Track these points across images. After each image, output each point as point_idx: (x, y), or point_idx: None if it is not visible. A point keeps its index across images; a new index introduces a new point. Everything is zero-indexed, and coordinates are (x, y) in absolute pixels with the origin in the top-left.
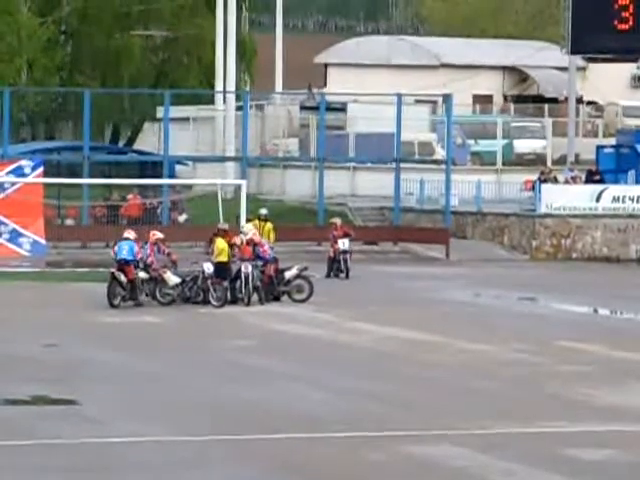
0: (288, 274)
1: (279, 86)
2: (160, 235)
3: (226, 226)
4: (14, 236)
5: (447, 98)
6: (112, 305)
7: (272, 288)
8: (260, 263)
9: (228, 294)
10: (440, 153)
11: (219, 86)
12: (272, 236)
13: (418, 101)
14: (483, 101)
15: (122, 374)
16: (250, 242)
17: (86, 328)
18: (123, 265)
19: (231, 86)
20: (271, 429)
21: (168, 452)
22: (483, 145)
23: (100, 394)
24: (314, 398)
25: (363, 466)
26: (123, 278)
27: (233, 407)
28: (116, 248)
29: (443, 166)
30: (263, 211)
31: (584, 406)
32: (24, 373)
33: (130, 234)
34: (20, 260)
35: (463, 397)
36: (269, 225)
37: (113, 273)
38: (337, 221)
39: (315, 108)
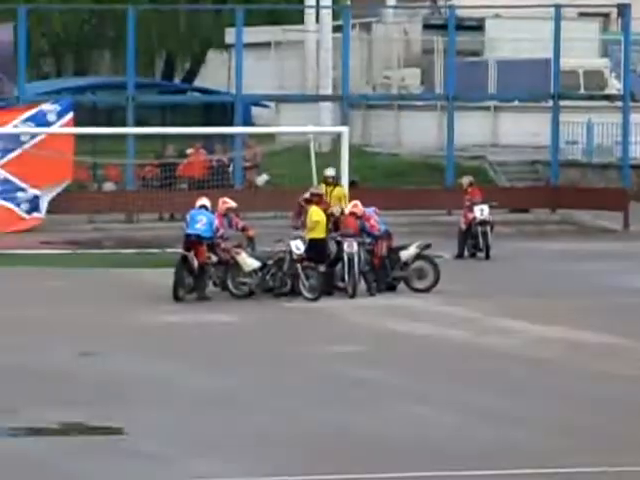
0: (405, 254)
1: None
2: (232, 204)
3: (323, 190)
4: (34, 205)
5: (624, 9)
6: (177, 298)
7: (384, 274)
8: (368, 240)
9: (325, 282)
10: (615, 86)
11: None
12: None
13: (583, 14)
14: None
15: (181, 393)
16: (352, 214)
17: (133, 331)
18: (194, 243)
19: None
20: (387, 467)
21: None
22: None
23: (152, 420)
24: (445, 424)
25: None
26: (195, 262)
27: (333, 437)
28: (187, 218)
29: (619, 103)
30: (329, 172)
31: None
32: (53, 392)
33: (207, 201)
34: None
35: None
36: (339, 190)
37: (185, 255)
38: (465, 181)
39: (442, 27)
